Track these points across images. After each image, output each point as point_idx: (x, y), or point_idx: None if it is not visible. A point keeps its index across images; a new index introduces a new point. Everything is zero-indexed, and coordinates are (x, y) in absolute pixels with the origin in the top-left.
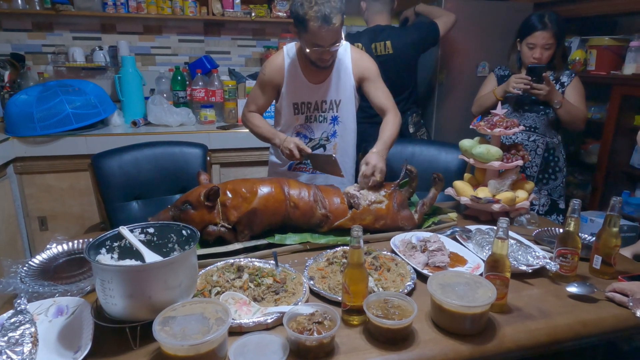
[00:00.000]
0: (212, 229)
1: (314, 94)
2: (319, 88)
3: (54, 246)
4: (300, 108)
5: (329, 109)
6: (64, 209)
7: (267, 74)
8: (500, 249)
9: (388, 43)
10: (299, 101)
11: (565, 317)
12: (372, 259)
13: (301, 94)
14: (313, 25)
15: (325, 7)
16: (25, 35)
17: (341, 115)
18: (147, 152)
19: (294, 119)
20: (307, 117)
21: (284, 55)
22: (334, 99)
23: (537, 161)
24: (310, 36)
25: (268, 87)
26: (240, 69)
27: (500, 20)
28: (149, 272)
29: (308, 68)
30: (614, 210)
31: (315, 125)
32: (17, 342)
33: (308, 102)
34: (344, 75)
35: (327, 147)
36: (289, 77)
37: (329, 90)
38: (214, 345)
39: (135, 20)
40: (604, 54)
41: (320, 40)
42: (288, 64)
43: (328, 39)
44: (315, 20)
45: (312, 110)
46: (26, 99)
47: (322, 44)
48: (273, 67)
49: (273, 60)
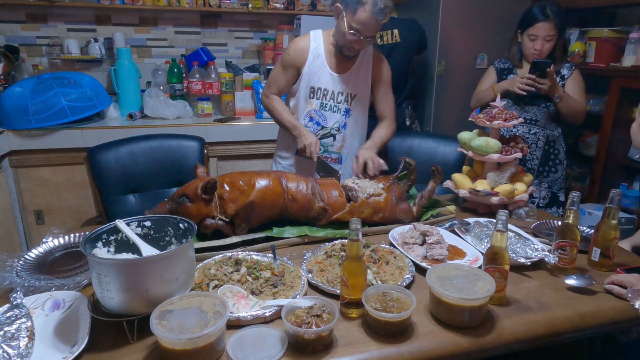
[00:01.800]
0: (209, 222)
1: (332, 82)
2: (339, 78)
3: (50, 240)
4: (316, 93)
5: (344, 101)
6: (59, 203)
7: (291, 53)
8: (500, 242)
9: (395, 32)
10: (316, 85)
11: (564, 310)
12: (371, 252)
13: (320, 80)
14: (365, 10)
15: (382, 1)
16: (19, 26)
17: (353, 110)
18: (143, 145)
19: (308, 103)
20: (322, 105)
21: (310, 39)
22: (350, 92)
23: (537, 154)
24: (357, 20)
25: (290, 68)
26: (237, 61)
27: (499, 12)
28: (146, 266)
29: (332, 56)
30: (613, 202)
31: (329, 114)
32: (13, 336)
33: (325, 89)
34: (363, 72)
35: (336, 137)
36: (312, 60)
37: (348, 82)
38: (212, 339)
39: (131, 12)
40: (603, 46)
41: (363, 28)
42: (313, 47)
43: (371, 30)
44: (371, 7)
45: (327, 98)
46: (21, 92)
47: (363, 32)
48: (298, 48)
49: (298, 41)
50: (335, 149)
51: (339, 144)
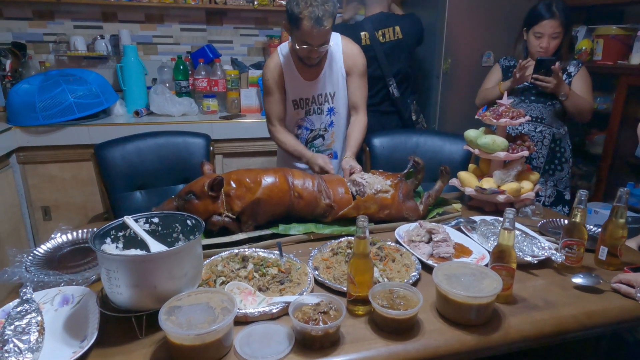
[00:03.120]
0: (216, 219)
1: (309, 89)
2: (314, 84)
3: (59, 236)
4: (300, 104)
5: (325, 102)
6: (66, 199)
7: (269, 77)
8: (507, 240)
9: (397, 28)
10: (297, 97)
11: (571, 308)
12: (377, 250)
13: (298, 91)
14: (305, 24)
15: (319, 9)
16: (26, 23)
17: (336, 106)
18: (150, 142)
19: (295, 113)
20: (307, 111)
21: (278, 55)
22: (329, 92)
23: (543, 152)
24: (302, 34)
25: (276, 90)
26: (242, 58)
27: (505, 9)
28: (155, 262)
29: (301, 66)
30: (620, 201)
31: (315, 117)
32: (23, 330)
33: (306, 98)
34: (335, 68)
35: (325, 137)
36: (287, 75)
37: (324, 84)
38: (219, 335)
39: (137, 9)
40: (610, 44)
41: (310, 40)
42: (284, 63)
43: (317, 39)
44: (308, 20)
45: (310, 104)
46: (28, 89)
47: (311, 43)
48: (272, 69)
49: (270, 63)
50: (326, 147)
51: (329, 141)
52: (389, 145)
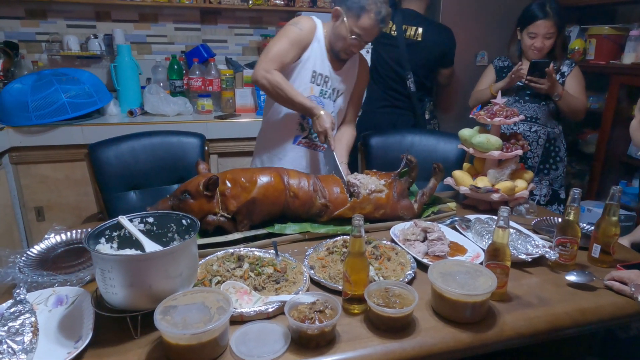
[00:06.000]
0: (211, 218)
1: (329, 74)
2: (333, 74)
3: (52, 236)
4: (317, 79)
5: (335, 95)
6: (60, 200)
7: (304, 29)
8: (501, 238)
9: (420, 30)
10: (318, 70)
11: (565, 305)
12: (373, 248)
13: (323, 66)
14: (369, 17)
15: (384, 9)
16: (19, 22)
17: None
18: (144, 141)
19: (308, 87)
20: (322, 92)
21: (315, 22)
22: (338, 89)
23: (538, 152)
24: (359, 25)
25: (298, 45)
26: (237, 57)
27: (499, 9)
28: (150, 262)
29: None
30: (613, 199)
31: (327, 102)
32: (17, 331)
33: (326, 76)
34: (351, 73)
35: None
36: (316, 44)
37: (338, 80)
38: (215, 334)
39: (131, 8)
40: (603, 43)
41: (365, 34)
42: (318, 33)
43: (371, 36)
44: (374, 15)
45: (328, 86)
46: (21, 88)
47: (364, 37)
48: (309, 25)
49: (308, 20)
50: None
51: None
52: (384, 145)
